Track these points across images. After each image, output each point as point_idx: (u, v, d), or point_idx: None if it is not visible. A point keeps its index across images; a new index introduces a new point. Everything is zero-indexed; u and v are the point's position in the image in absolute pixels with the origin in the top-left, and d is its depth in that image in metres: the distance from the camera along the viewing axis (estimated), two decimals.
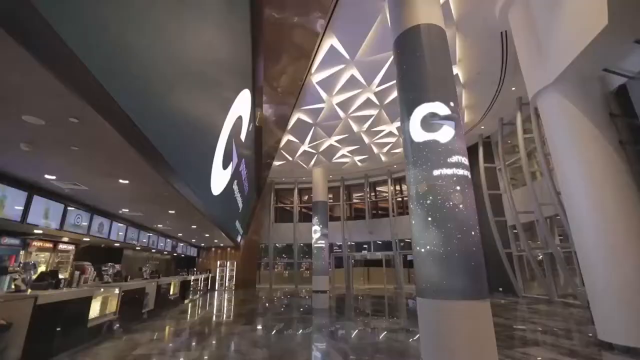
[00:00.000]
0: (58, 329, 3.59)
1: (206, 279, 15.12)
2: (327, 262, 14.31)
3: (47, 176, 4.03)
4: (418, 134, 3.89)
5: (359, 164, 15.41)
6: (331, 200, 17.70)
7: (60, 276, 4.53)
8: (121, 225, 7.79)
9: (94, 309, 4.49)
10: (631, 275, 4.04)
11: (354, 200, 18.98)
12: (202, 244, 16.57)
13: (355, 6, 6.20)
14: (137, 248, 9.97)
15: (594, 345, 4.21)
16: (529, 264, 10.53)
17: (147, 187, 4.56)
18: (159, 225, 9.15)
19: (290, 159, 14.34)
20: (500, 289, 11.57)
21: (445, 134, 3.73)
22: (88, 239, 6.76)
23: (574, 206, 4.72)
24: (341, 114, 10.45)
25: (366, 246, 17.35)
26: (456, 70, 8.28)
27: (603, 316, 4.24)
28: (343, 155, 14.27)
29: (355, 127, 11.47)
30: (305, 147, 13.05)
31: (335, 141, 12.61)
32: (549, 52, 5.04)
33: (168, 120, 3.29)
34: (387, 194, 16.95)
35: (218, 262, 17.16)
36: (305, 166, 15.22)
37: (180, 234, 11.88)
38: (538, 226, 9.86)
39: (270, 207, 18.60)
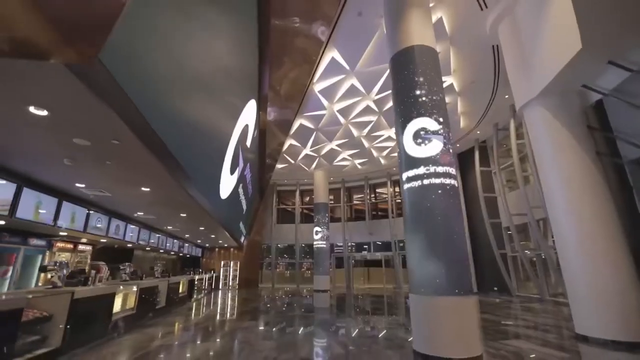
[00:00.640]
0: (90, 320, 4.04)
1: (210, 279, 15.58)
2: (328, 262, 14.76)
3: (77, 184, 4.48)
4: (411, 147, 4.32)
5: (359, 166, 15.84)
6: (332, 202, 18.14)
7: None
8: (134, 227, 8.26)
9: (117, 305, 4.94)
10: (605, 276, 4.45)
11: (355, 202, 19.40)
12: (207, 245, 17.03)
13: (355, 22, 6.64)
14: (147, 249, 10.42)
15: (571, 338, 4.63)
16: (522, 264, 10.93)
17: (165, 193, 5.01)
18: (168, 227, 9.60)
19: (293, 162, 14.78)
20: (495, 289, 11.98)
21: (434, 147, 4.16)
22: (105, 240, 7.22)
23: (555, 211, 5.14)
24: (342, 120, 10.88)
25: (367, 247, 17.76)
26: (451, 79, 8.71)
27: (580, 312, 4.66)
28: (344, 159, 14.70)
29: (355, 132, 11.89)
30: (307, 150, 13.48)
31: (336, 145, 13.05)
32: (533, 68, 5.46)
33: (186, 134, 3.72)
34: (386, 196, 17.38)
35: (222, 262, 17.61)
36: (306, 169, 15.66)
37: (187, 235, 12.34)
38: (530, 228, 10.25)
39: (273, 208, 19.05)
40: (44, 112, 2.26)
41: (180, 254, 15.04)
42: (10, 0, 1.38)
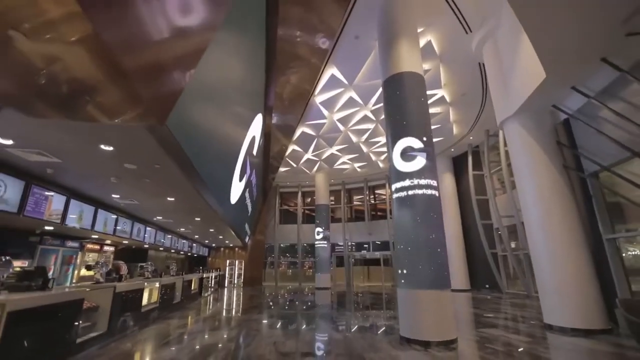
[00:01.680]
0: (126, 311, 4.78)
1: (217, 277, 16.34)
2: (329, 261, 15.51)
3: (113, 195, 5.22)
4: (399, 163, 5.03)
5: (358, 169, 16.54)
6: (333, 203, 18.85)
7: (93, 273, 5.72)
8: (151, 229, 9.01)
9: (145, 298, 5.69)
10: (568, 273, 5.13)
11: (355, 203, 20.10)
12: (213, 245, 17.80)
13: (352, 44, 7.33)
14: (161, 249, 11.19)
15: (539, 327, 5.33)
16: (512, 263, 11.59)
17: (185, 201, 5.74)
18: (181, 229, 10.36)
19: (295, 165, 15.50)
20: (487, 286, 12.67)
21: (418, 163, 4.86)
22: (127, 242, 7.97)
23: (528, 216, 5.82)
24: (341, 127, 11.58)
25: (367, 246, 18.46)
26: (442, 92, 9.38)
27: (547, 304, 5.35)
28: (344, 162, 15.40)
29: (354, 139, 12.59)
30: (308, 155, 14.20)
31: (336, 150, 13.75)
32: (510, 89, 6.13)
33: (208, 152, 4.43)
34: (385, 197, 18.07)
35: (227, 261, 18.39)
36: (308, 172, 16.38)
37: (197, 236, 13.11)
38: (518, 229, 10.92)
39: (276, 209, 19.78)
40: (110, 148, 2.97)
41: (189, 254, 15.82)
42: (114, 91, 2.10)
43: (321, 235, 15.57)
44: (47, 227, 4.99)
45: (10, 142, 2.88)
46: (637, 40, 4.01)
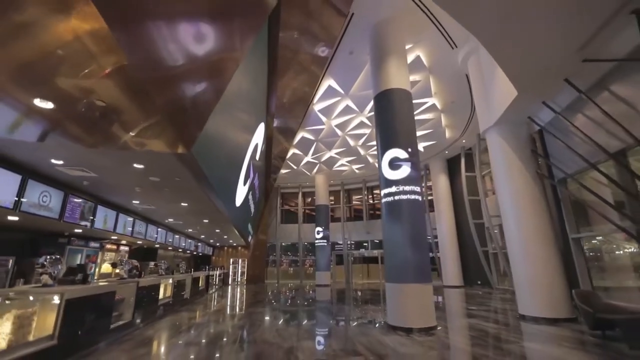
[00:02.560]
0: (146, 303, 5.43)
1: (221, 275, 17.04)
2: (329, 260, 16.17)
3: (134, 201, 5.87)
4: (387, 171, 5.64)
5: (356, 171, 17.14)
6: (332, 203, 19.48)
7: (117, 270, 6.38)
8: (162, 230, 9.68)
9: (161, 293, 6.34)
10: (539, 269, 5.74)
11: (354, 203, 20.72)
12: (217, 244, 18.48)
13: (347, 58, 7.93)
14: (169, 248, 11.86)
15: (514, 317, 5.95)
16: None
17: (197, 205, 6.38)
18: (189, 230, 11.02)
19: (295, 167, 16.13)
20: (479, 282, 13.30)
21: (403, 172, 5.48)
22: (141, 242, 8.64)
23: (505, 218, 6.44)
24: (339, 132, 12.19)
25: (366, 244, 19.09)
26: (433, 100, 9.97)
27: (521, 297, 5.96)
28: (342, 164, 16.01)
29: (352, 142, 13.19)
30: (308, 158, 14.81)
31: (335, 153, 14.36)
32: (491, 101, 6.72)
33: (218, 164, 5.06)
34: None
35: (231, 260, 19.08)
36: (308, 173, 17.01)
37: (203, 236, 13.78)
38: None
39: (277, 209, 20.43)
40: (141, 166, 3.59)
41: (195, 253, 16.51)
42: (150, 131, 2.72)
43: (321, 235, 16.23)
44: (76, 230, 5.65)
45: (61, 162, 3.51)
46: (592, 66, 4.60)
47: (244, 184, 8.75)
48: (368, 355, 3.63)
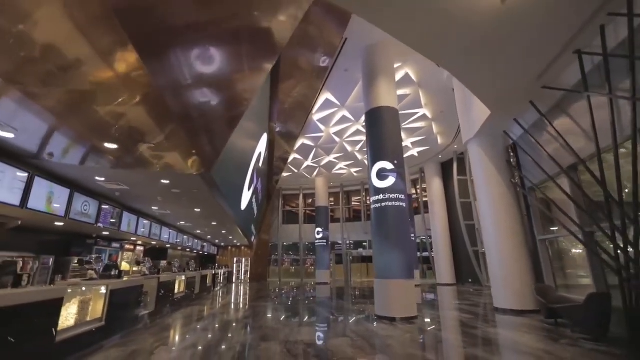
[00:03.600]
0: (165, 297, 6.24)
1: (225, 273, 17.88)
2: (328, 259, 16.96)
3: (153, 207, 6.68)
4: (375, 181, 6.41)
5: (355, 174, 17.90)
6: (332, 204, 20.25)
7: (135, 268, 7.20)
8: (173, 232, 10.52)
9: (176, 288, 7.16)
10: (510, 267, 6.47)
11: (353, 204, 21.48)
12: (222, 244, 19.33)
13: (342, 75, 8.69)
14: (179, 248, 12.71)
15: (489, 310, 6.70)
16: None
17: (208, 210, 7.18)
18: (198, 231, 11.86)
19: (296, 171, 16.92)
20: (470, 280, 14.04)
21: (389, 181, 6.24)
22: (155, 242, 9.47)
23: (484, 221, 7.18)
24: (337, 139, 12.96)
25: (365, 244, 19.84)
26: (424, 110, 10.70)
27: (495, 291, 6.71)
28: (341, 168, 16.77)
29: (349, 148, 13.96)
30: (308, 162, 15.60)
31: (334, 158, 15.13)
32: (471, 115, 7.46)
33: (229, 176, 5.85)
34: None
35: (235, 259, 19.92)
36: (308, 176, 17.80)
37: (210, 237, 14.62)
38: None
39: (279, 210, 21.24)
40: (167, 182, 4.37)
41: (201, 252, 17.36)
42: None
43: (321, 235, 17.02)
44: (104, 233, 6.48)
45: (103, 179, 4.30)
46: (550, 92, 5.33)
47: (249, 189, 9.56)
48: (354, 337, 4.41)
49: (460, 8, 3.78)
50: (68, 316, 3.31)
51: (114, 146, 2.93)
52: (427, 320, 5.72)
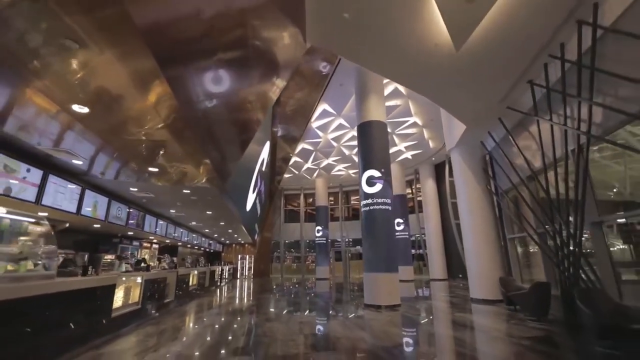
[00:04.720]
0: (182, 288, 7.21)
1: (230, 269, 18.91)
2: (328, 256, 17.90)
3: (171, 211, 7.63)
4: (365, 187, 7.31)
5: (353, 175, 18.76)
6: (332, 203, 21.17)
7: (151, 263, 8.17)
8: (184, 231, 11.51)
9: (190, 281, 8.13)
10: (484, 261, 7.35)
11: (352, 203, 22.37)
12: (227, 242, 20.34)
13: (338, 89, 9.56)
14: (188, 246, 13.72)
15: (466, 300, 7.60)
16: None
17: (217, 212, 8.12)
18: (206, 230, 12.84)
19: (297, 172, 17.83)
20: (460, 275, 14.93)
21: (377, 187, 7.14)
22: (168, 241, 10.45)
23: (462, 223, 8.06)
24: (334, 144, 13.84)
25: None
26: (414, 119, 11.55)
27: (472, 284, 7.61)
28: (339, 170, 17.66)
29: (347, 152, 14.83)
30: (308, 164, 16.50)
31: (332, 160, 16.01)
32: (452, 126, 8.31)
33: (238, 183, 6.77)
34: None
35: (239, 256, 20.93)
36: (309, 177, 18.70)
37: (216, 235, 15.62)
38: None
39: (281, 209, 22.18)
40: (188, 191, 5.29)
41: (207, 250, 18.38)
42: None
43: (321, 233, 17.95)
44: (129, 233, 7.46)
45: (135, 189, 5.22)
46: (513, 113, 6.17)
47: (253, 192, 10.49)
48: (344, 320, 5.34)
49: (423, 53, 4.66)
50: (117, 299, 4.26)
51: (155, 169, 3.82)
52: (409, 308, 6.64)
